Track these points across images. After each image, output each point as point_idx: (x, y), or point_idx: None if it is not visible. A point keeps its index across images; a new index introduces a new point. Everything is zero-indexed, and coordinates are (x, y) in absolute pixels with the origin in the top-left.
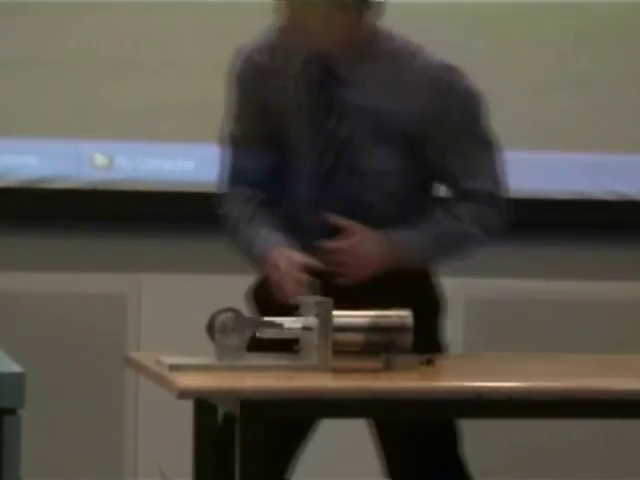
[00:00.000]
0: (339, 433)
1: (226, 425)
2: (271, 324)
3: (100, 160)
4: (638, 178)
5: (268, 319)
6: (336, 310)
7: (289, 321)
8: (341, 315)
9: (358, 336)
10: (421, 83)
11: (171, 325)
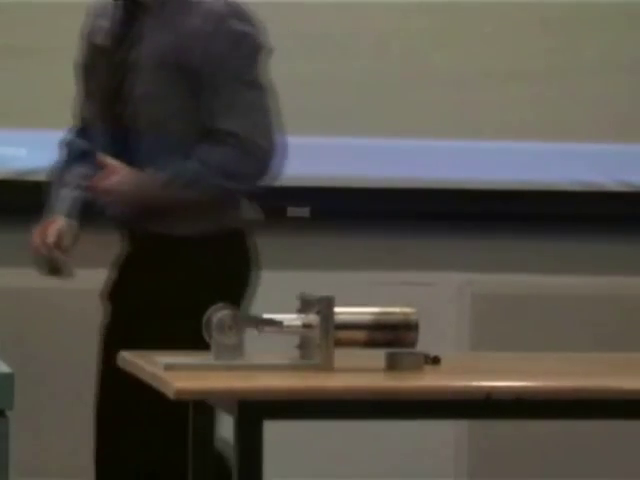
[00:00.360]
0: (339, 433)
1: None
2: (270, 322)
3: None
4: None
5: (267, 316)
6: None
7: (289, 318)
8: (343, 312)
9: (361, 334)
10: (198, 14)
11: None
